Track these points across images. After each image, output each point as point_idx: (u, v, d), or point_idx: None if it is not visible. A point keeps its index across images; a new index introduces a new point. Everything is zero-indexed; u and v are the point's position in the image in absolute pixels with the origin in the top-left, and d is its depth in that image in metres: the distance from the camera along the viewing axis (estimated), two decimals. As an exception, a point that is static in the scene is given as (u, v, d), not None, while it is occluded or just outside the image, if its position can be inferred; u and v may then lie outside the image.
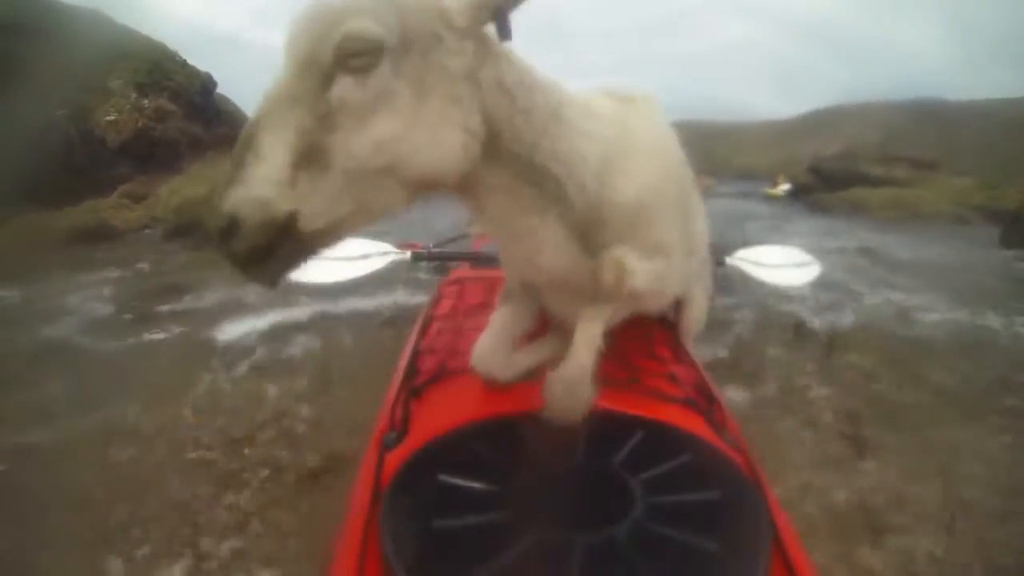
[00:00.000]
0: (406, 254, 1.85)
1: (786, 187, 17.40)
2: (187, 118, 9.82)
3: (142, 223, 7.69)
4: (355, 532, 0.67)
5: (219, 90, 11.50)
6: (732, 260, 1.86)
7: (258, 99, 0.57)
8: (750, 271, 1.86)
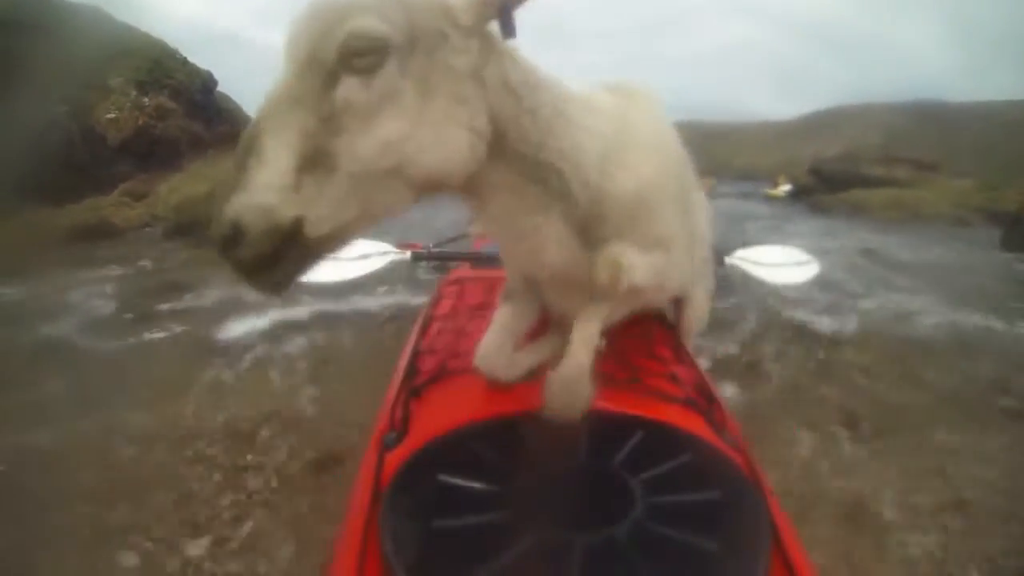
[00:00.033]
0: (406, 254, 1.86)
1: (787, 188, 17.42)
2: (188, 116, 9.85)
3: (143, 221, 7.70)
4: (355, 532, 0.67)
5: (220, 88, 11.56)
6: (732, 260, 1.87)
7: (259, 98, 0.55)
8: (750, 270, 1.87)
